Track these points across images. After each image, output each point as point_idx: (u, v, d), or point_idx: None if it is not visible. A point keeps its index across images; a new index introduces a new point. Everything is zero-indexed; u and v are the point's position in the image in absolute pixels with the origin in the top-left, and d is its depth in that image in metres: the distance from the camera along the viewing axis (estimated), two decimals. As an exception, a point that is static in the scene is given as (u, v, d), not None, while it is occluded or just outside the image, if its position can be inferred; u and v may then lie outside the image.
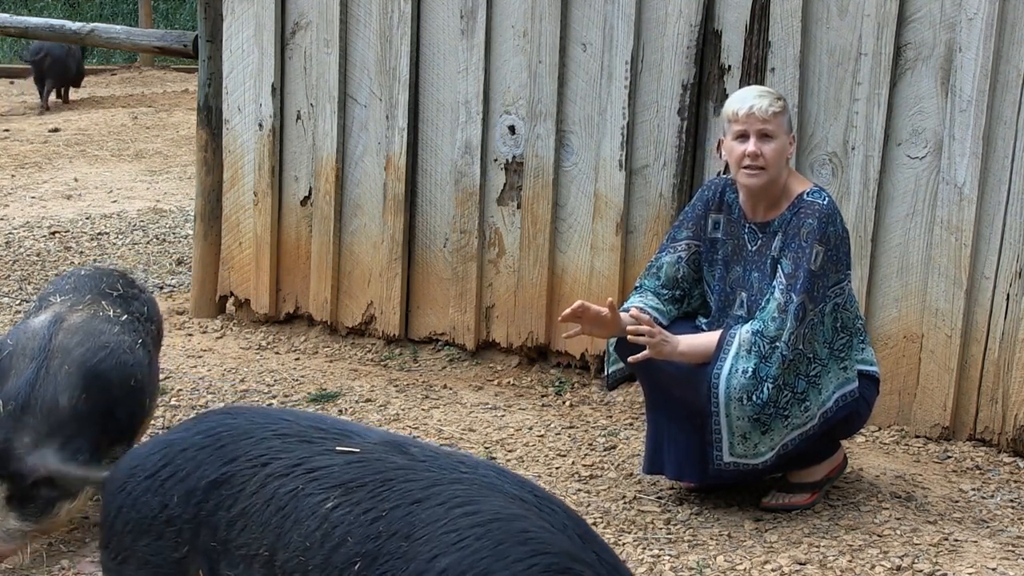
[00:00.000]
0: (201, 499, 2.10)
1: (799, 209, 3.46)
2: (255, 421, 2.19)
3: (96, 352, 3.24)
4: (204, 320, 5.35)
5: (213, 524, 2.08)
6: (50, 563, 3.20)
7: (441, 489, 1.96)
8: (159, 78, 14.03)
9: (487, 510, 1.92)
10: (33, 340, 3.23)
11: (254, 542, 2.03)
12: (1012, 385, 4.04)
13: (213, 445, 2.16)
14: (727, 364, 3.38)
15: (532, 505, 1.95)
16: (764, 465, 3.45)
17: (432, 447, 2.14)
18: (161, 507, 2.14)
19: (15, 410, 3.08)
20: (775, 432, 3.39)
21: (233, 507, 2.07)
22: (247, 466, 2.10)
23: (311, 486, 2.03)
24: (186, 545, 2.11)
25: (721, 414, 3.38)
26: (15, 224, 7.01)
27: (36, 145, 9.65)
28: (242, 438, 2.15)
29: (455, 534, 1.89)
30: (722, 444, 3.41)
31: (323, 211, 5.04)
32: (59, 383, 3.14)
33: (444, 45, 4.78)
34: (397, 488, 1.98)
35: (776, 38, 4.23)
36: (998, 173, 4.01)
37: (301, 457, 2.08)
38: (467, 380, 4.74)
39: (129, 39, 6.48)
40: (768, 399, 3.35)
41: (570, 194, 4.63)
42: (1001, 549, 3.40)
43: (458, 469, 2.02)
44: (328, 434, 2.13)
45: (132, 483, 2.20)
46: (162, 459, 2.18)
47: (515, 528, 1.89)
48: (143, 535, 2.16)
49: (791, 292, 3.38)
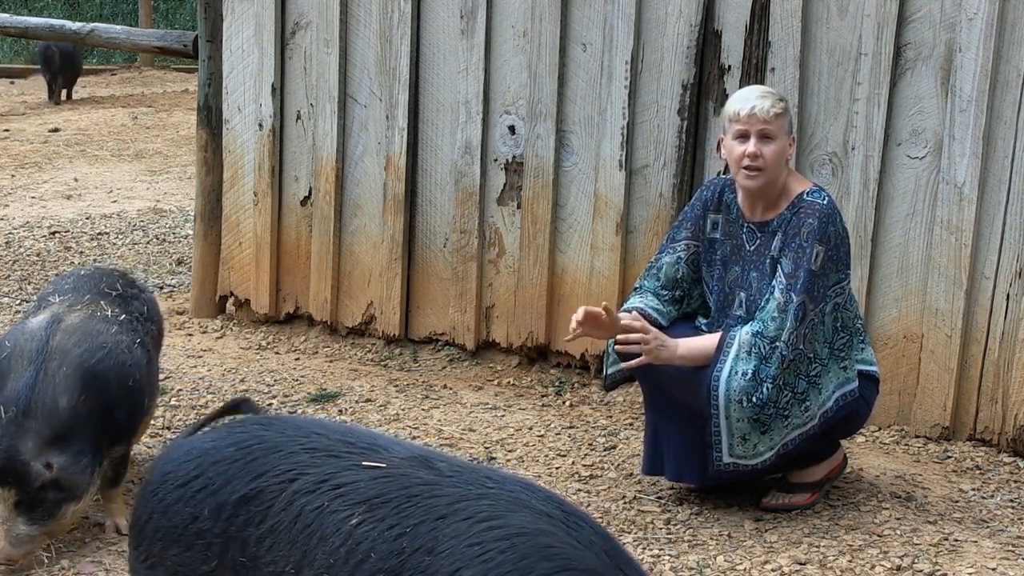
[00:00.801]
0: (231, 514, 2.10)
1: (799, 209, 3.46)
2: (286, 434, 2.19)
3: (94, 353, 3.24)
4: (204, 320, 5.35)
5: (243, 540, 2.09)
6: (50, 563, 3.19)
7: (467, 504, 1.96)
8: (159, 78, 14.03)
9: (512, 525, 1.91)
10: (31, 341, 3.22)
11: (281, 559, 2.04)
12: (1012, 385, 4.04)
13: (244, 459, 2.15)
14: (727, 366, 3.38)
15: (559, 521, 1.94)
16: (763, 465, 3.44)
17: (460, 462, 2.13)
18: (192, 518, 2.14)
19: (16, 415, 3.08)
20: (775, 432, 3.39)
21: (262, 523, 2.08)
22: (275, 481, 2.10)
23: (336, 503, 2.02)
24: (215, 559, 2.11)
25: (721, 416, 3.38)
26: (15, 224, 7.01)
27: (36, 145, 9.65)
28: (272, 452, 2.15)
29: (478, 547, 1.88)
30: (721, 445, 3.41)
31: (323, 211, 5.04)
32: (58, 385, 3.13)
33: (444, 45, 4.78)
34: (422, 504, 1.97)
35: (776, 38, 4.23)
36: (998, 173, 4.01)
37: (328, 473, 2.08)
38: (467, 380, 4.74)
39: (129, 39, 6.49)
40: (768, 399, 3.35)
41: (570, 194, 4.63)
42: (1001, 549, 3.40)
43: (485, 484, 2.01)
44: (356, 448, 2.12)
45: (164, 490, 2.19)
46: (195, 469, 2.18)
47: (540, 543, 1.88)
48: (173, 544, 2.16)
49: (791, 292, 3.38)
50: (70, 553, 3.26)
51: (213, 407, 4.32)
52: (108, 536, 3.36)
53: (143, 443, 3.91)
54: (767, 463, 3.44)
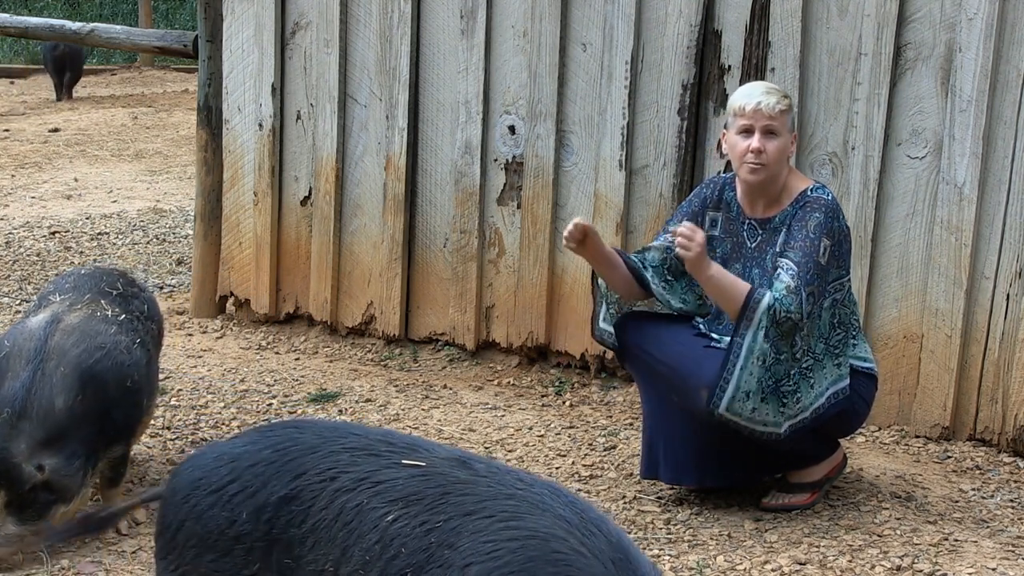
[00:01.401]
0: (272, 515, 2.10)
1: (804, 203, 3.45)
2: (322, 435, 2.19)
3: (92, 353, 3.23)
4: (204, 320, 5.35)
5: (286, 541, 2.08)
6: (50, 563, 3.19)
7: (493, 504, 2.00)
8: (159, 78, 14.03)
9: (528, 527, 1.96)
10: (29, 341, 3.22)
11: (322, 558, 2.05)
12: (1012, 385, 4.04)
13: (281, 460, 2.15)
14: (767, 294, 3.32)
15: (575, 527, 1.98)
16: (748, 433, 3.36)
17: (499, 465, 2.15)
18: (229, 523, 2.12)
19: (12, 416, 3.08)
20: (769, 406, 3.34)
21: (304, 523, 2.08)
22: (316, 480, 2.10)
23: (375, 500, 2.04)
24: (257, 563, 2.10)
25: (745, 345, 3.30)
26: (15, 224, 7.01)
27: (36, 145, 9.65)
28: (310, 452, 2.15)
29: (491, 544, 1.93)
30: (727, 389, 3.33)
31: (323, 211, 5.04)
32: (55, 385, 3.13)
33: (444, 45, 4.78)
34: (452, 501, 2.01)
35: (776, 38, 4.23)
36: (998, 173, 4.01)
37: (368, 471, 2.09)
38: (467, 380, 4.74)
39: (129, 39, 6.48)
40: (770, 365, 3.32)
41: (570, 194, 4.63)
42: (1001, 549, 3.39)
43: (515, 486, 2.05)
44: (396, 448, 2.14)
45: (197, 496, 2.17)
46: (229, 473, 2.16)
47: (549, 548, 1.93)
48: (208, 551, 2.14)
49: (799, 280, 3.33)
50: (70, 553, 3.25)
51: (213, 407, 4.33)
52: (108, 536, 3.35)
53: (143, 443, 3.91)
54: (753, 433, 3.36)
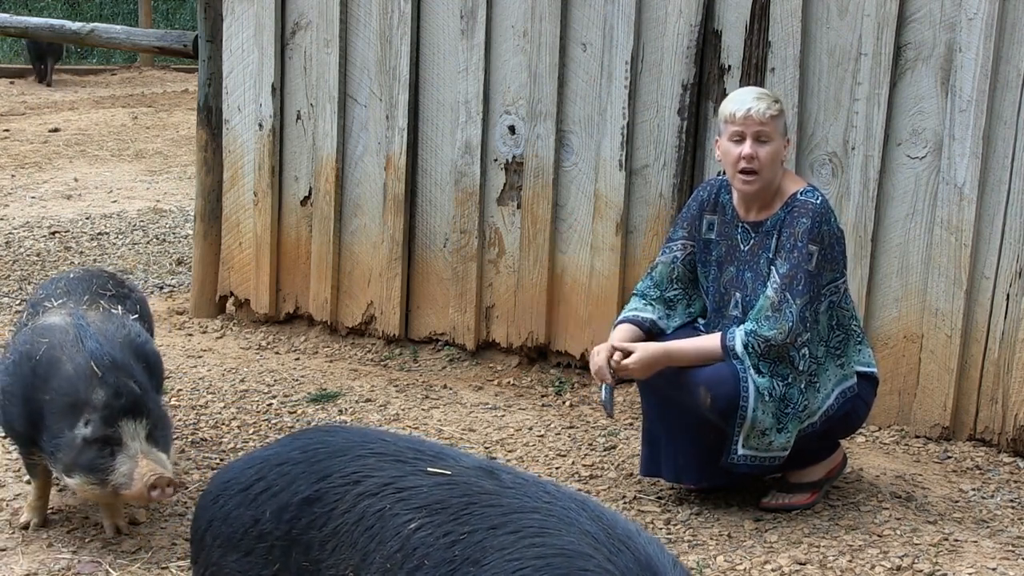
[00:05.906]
0: (294, 516, 2.08)
1: (792, 208, 3.46)
2: (352, 439, 2.18)
3: (138, 334, 3.36)
4: (204, 320, 5.35)
5: (306, 543, 2.07)
6: (50, 563, 3.19)
7: (519, 517, 1.96)
8: (159, 78, 14.03)
9: (555, 544, 1.92)
10: (67, 333, 3.24)
11: (342, 562, 2.02)
12: (1012, 385, 4.04)
13: (307, 461, 2.14)
14: (749, 365, 3.40)
15: (603, 544, 1.93)
16: (774, 463, 3.47)
17: (526, 475, 2.12)
18: (253, 522, 2.11)
19: (111, 364, 3.13)
20: (790, 430, 3.42)
21: (325, 526, 2.06)
22: (340, 483, 2.08)
23: (398, 506, 2.01)
24: (277, 563, 2.09)
25: (749, 409, 3.38)
26: (15, 224, 7.01)
27: (36, 145, 9.65)
28: (337, 455, 2.13)
29: (518, 562, 1.89)
30: (739, 437, 3.42)
31: (323, 211, 5.04)
32: (119, 352, 3.19)
33: (444, 45, 4.78)
34: (478, 512, 1.98)
35: (776, 38, 4.23)
36: (998, 173, 4.01)
37: (393, 476, 2.06)
38: (467, 380, 4.74)
39: (129, 39, 6.48)
40: (780, 396, 3.39)
41: (570, 194, 4.63)
42: (1001, 549, 3.40)
43: (541, 499, 2.01)
44: (424, 456, 2.11)
45: (225, 496, 2.17)
46: (256, 473, 2.16)
47: (575, 566, 1.88)
48: (232, 550, 2.13)
49: (786, 292, 3.38)
50: (70, 553, 3.26)
51: (213, 407, 4.33)
52: (108, 536, 3.36)
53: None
54: (776, 462, 3.46)
